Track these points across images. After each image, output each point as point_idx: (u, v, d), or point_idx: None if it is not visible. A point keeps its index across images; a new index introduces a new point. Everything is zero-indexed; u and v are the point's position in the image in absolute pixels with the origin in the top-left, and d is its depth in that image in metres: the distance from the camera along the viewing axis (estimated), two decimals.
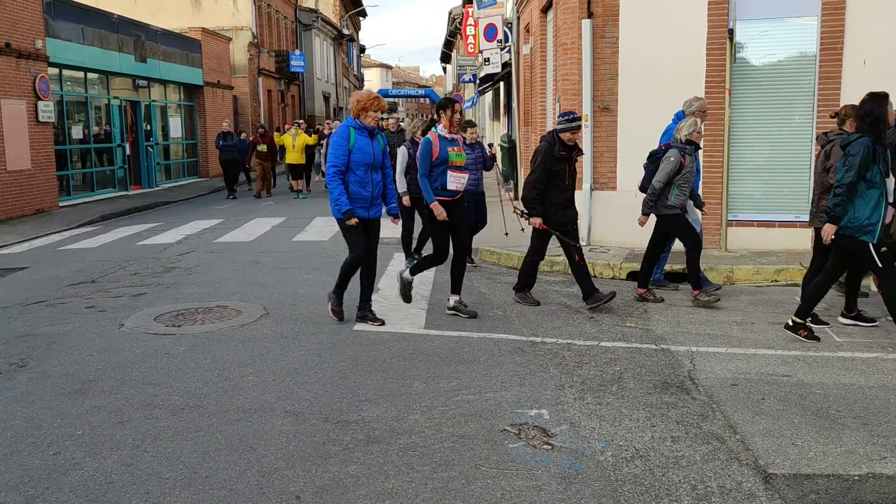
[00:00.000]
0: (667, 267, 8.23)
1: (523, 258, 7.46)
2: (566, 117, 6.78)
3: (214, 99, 26.32)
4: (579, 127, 6.81)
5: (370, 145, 6.16)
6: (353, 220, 6.06)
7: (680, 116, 7.50)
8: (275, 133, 22.02)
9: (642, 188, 7.31)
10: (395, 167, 8.60)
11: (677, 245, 7.64)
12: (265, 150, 19.07)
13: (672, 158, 6.87)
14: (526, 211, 6.94)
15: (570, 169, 6.85)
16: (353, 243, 6.25)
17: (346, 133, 6.11)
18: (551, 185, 6.80)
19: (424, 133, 6.85)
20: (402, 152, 8.86)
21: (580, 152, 7.00)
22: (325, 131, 21.32)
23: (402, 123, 16.44)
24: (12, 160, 14.83)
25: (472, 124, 9.03)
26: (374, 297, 7.48)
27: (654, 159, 7.22)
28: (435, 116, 6.71)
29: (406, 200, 8.76)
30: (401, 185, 8.67)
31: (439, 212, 6.42)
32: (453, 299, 6.79)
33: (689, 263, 7.06)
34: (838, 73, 8.89)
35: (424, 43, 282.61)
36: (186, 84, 24.41)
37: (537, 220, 6.88)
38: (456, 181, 6.52)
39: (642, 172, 7.50)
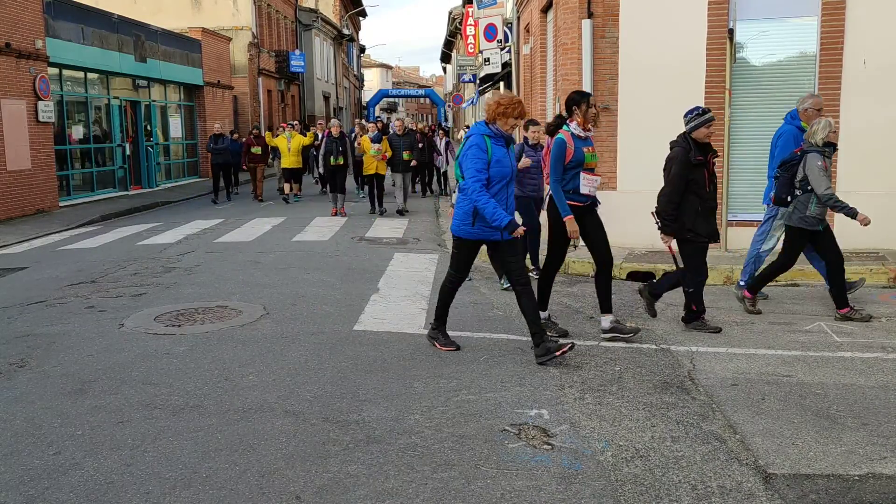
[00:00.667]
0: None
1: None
2: (695, 112, 6.02)
3: (214, 99, 26.32)
4: (713, 119, 6.02)
5: (507, 156, 5.39)
6: (521, 230, 5.33)
7: (794, 115, 7.10)
8: (266, 133, 20.22)
9: (777, 200, 6.68)
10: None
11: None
12: (259, 153, 18.36)
13: (819, 163, 6.25)
14: (659, 226, 6.14)
15: (709, 174, 6.04)
16: (463, 263, 5.63)
17: (484, 144, 5.31)
18: (691, 195, 5.97)
19: (553, 132, 6.00)
20: None
21: (715, 153, 6.16)
22: (319, 133, 19.77)
23: (407, 125, 16.23)
24: (12, 160, 14.84)
25: (535, 122, 8.40)
26: (373, 297, 7.50)
27: (787, 167, 6.55)
28: (564, 113, 6.01)
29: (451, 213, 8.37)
30: None
31: (573, 228, 5.74)
32: (608, 319, 5.95)
33: (767, 273, 6.77)
34: (838, 73, 8.89)
35: (424, 43, 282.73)
36: (186, 84, 24.42)
37: (668, 239, 6.09)
38: (589, 184, 5.86)
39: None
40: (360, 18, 58.92)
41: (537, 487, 3.50)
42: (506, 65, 15.74)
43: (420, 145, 16.20)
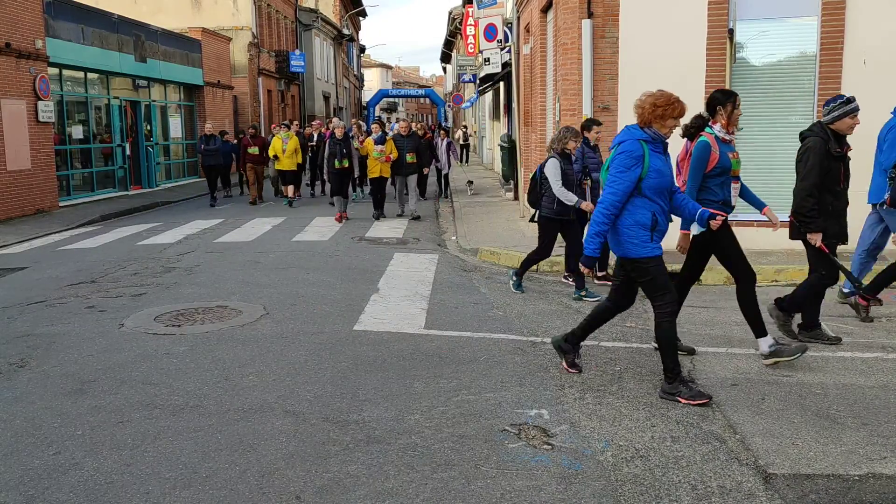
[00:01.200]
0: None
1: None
2: (839, 101, 5.51)
3: (214, 99, 26.32)
4: (858, 108, 5.50)
5: (667, 164, 4.67)
6: (588, 272, 4.84)
7: None
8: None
9: (893, 202, 6.30)
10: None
11: None
12: (257, 153, 17.20)
13: None
14: (800, 225, 5.59)
15: (844, 169, 5.57)
16: (665, 284, 4.75)
17: (641, 153, 4.54)
18: (824, 192, 5.47)
19: (692, 135, 5.35)
20: (554, 165, 7.38)
21: (849, 147, 5.64)
22: (315, 134, 18.71)
23: (412, 126, 15.71)
24: (12, 160, 14.84)
25: (598, 122, 8.12)
26: (373, 297, 7.51)
27: None
28: (705, 113, 5.40)
29: (588, 206, 7.33)
30: (571, 199, 7.33)
31: (686, 245, 5.24)
32: (766, 343, 5.25)
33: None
34: (838, 73, 8.90)
35: (424, 43, 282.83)
36: (186, 84, 24.41)
37: (817, 238, 5.48)
38: (735, 193, 5.36)
39: None
40: (360, 18, 58.91)
41: (537, 487, 3.50)
42: (506, 65, 15.72)
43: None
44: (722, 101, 5.28)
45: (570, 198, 7.31)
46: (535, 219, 7.74)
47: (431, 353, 5.62)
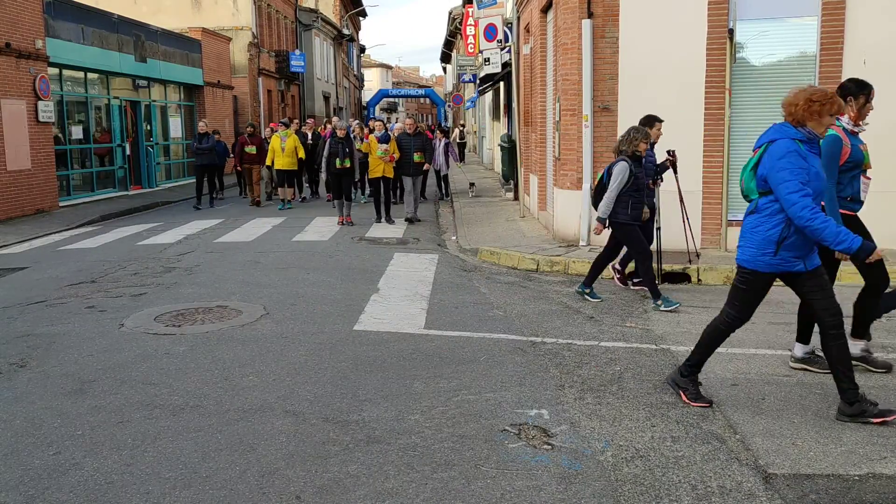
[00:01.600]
0: (665, 266, 8.23)
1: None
2: None
3: (214, 99, 26.33)
4: None
5: (821, 167, 4.29)
6: (879, 254, 4.14)
7: None
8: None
9: None
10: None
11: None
12: (254, 152, 16.82)
13: None
14: None
15: None
16: (751, 302, 4.43)
17: (802, 151, 4.14)
18: None
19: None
20: (623, 169, 7.04)
21: None
22: (309, 133, 18.20)
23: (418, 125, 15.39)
24: (12, 160, 14.84)
25: (659, 119, 7.83)
26: (373, 297, 7.50)
27: None
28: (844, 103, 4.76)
29: (598, 228, 7.25)
30: (605, 209, 7.06)
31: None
32: (802, 350, 5.17)
33: None
34: (838, 73, 8.89)
35: (424, 43, 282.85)
36: (186, 84, 24.42)
37: None
38: (865, 189, 4.99)
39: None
40: (360, 18, 58.90)
41: (537, 487, 3.50)
42: (506, 65, 15.72)
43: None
44: (854, 91, 4.94)
45: (604, 211, 7.04)
46: (607, 225, 7.30)
47: (431, 353, 5.62)
